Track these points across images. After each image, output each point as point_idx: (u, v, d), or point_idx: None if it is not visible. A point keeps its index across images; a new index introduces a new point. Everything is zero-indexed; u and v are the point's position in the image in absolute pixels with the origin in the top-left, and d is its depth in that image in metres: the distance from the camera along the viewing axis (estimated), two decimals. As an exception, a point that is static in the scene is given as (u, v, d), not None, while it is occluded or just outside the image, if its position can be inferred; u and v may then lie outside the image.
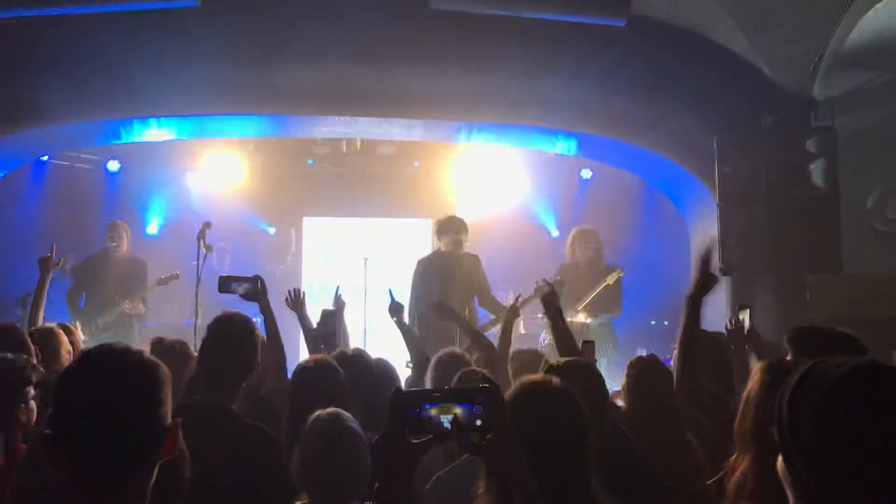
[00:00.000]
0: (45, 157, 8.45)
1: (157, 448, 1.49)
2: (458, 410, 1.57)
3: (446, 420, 1.56)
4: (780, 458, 1.34)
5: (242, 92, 6.48)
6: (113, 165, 9.04)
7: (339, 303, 5.31)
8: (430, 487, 2.55)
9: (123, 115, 6.68)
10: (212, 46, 6.02)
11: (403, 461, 1.57)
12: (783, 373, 1.86)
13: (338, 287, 5.54)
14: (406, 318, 5.84)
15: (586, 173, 9.21)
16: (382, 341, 9.07)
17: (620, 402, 3.49)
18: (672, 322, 6.90)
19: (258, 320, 3.76)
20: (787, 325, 6.24)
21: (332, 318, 4.93)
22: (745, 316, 5.83)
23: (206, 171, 9.40)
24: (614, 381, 4.22)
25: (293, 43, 6.28)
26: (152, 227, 9.33)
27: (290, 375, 3.79)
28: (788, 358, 2.86)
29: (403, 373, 4.76)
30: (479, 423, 1.56)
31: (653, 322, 8.33)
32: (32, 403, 2.77)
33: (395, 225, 10.52)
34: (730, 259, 6.31)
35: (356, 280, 9.07)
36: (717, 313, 7.05)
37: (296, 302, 4.81)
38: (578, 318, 7.69)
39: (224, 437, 2.74)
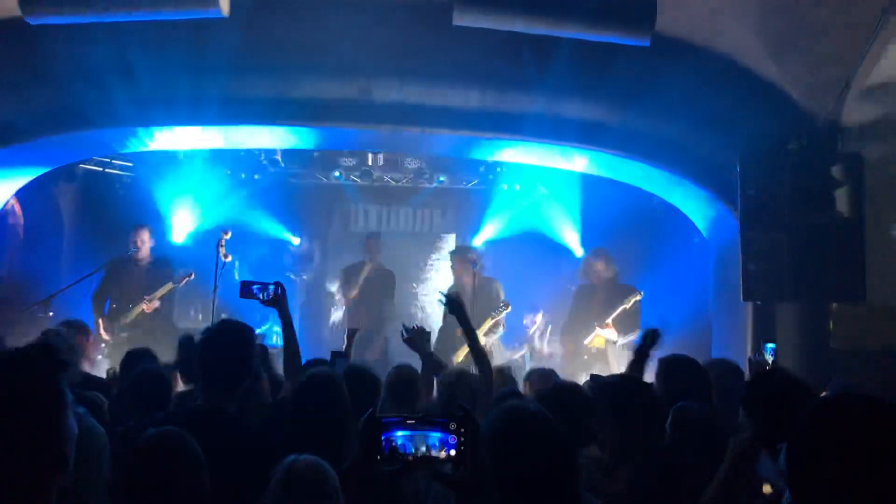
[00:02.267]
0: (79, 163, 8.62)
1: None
2: (433, 439, 1.53)
3: (420, 448, 1.53)
4: None
5: (266, 102, 6.54)
6: (143, 172, 9.19)
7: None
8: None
9: (149, 124, 6.79)
10: (237, 56, 6.09)
11: (374, 489, 1.53)
12: None
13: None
14: None
15: (613, 193, 9.12)
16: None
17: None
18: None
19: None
20: (809, 354, 6.18)
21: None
22: (768, 352, 5.72)
23: (236, 180, 9.57)
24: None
25: (317, 55, 6.34)
26: (179, 236, 9.44)
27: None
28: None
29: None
30: (452, 453, 1.53)
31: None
32: None
33: (419, 238, 10.53)
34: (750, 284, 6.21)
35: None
36: (739, 340, 6.95)
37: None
38: (606, 334, 7.64)
39: (225, 440, 2.74)
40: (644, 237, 8.80)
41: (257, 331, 6.50)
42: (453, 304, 4.46)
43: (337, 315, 9.66)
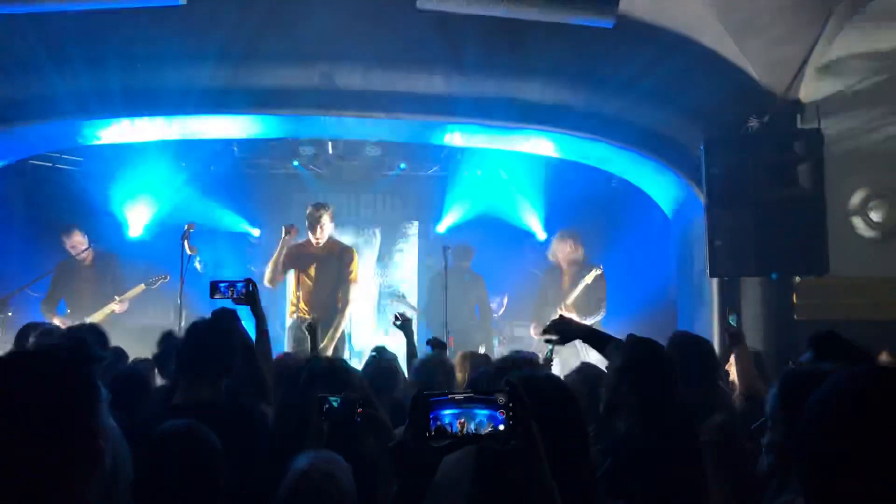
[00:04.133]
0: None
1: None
2: (480, 416, 1.53)
3: (469, 424, 1.52)
4: None
5: (225, 91, 6.40)
6: (94, 166, 8.91)
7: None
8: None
9: (103, 116, 6.58)
10: (195, 45, 5.94)
11: (424, 466, 1.54)
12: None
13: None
14: None
15: (573, 176, 9.17)
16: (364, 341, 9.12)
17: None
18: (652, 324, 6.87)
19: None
20: (774, 327, 6.32)
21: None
22: (732, 319, 5.87)
23: (192, 172, 9.36)
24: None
25: (277, 41, 6.22)
26: (135, 230, 9.21)
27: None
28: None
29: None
30: (501, 427, 1.52)
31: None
32: None
33: (382, 226, 10.44)
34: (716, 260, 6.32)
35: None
36: (704, 316, 7.07)
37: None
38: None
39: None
40: (606, 218, 8.89)
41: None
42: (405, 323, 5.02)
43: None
